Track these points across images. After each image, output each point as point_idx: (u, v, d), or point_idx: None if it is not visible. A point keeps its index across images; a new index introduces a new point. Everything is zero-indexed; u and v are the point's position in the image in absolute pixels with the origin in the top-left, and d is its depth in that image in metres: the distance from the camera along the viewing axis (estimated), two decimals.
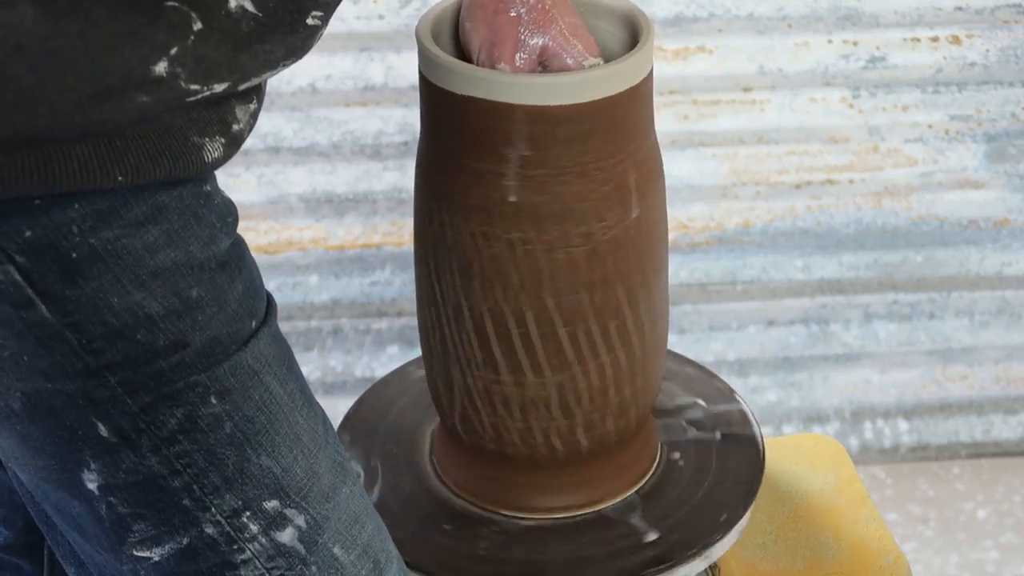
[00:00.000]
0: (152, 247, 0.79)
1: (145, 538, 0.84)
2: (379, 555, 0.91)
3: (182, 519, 0.84)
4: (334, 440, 0.90)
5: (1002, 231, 1.93)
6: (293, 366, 0.88)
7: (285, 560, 0.86)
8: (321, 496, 0.87)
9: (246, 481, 0.84)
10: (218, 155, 0.80)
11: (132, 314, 0.79)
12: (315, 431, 0.88)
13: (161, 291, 0.79)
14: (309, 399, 0.88)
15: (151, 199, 0.78)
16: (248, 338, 0.84)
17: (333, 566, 0.87)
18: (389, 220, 1.88)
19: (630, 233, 1.06)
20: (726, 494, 1.17)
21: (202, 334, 0.81)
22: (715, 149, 1.88)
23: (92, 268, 0.77)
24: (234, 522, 0.84)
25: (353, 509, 0.89)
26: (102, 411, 0.80)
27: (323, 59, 1.80)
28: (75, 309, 0.78)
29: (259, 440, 0.84)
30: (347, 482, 0.89)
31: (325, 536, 0.87)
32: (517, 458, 1.13)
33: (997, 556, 1.87)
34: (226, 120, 0.80)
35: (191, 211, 0.80)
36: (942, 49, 1.85)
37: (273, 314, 0.87)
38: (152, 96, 0.76)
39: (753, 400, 1.96)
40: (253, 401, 0.84)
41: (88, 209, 0.76)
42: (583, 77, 1.01)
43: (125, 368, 0.80)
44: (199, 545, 0.84)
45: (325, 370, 1.94)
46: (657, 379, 1.15)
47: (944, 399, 2.01)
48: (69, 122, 0.74)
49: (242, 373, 0.83)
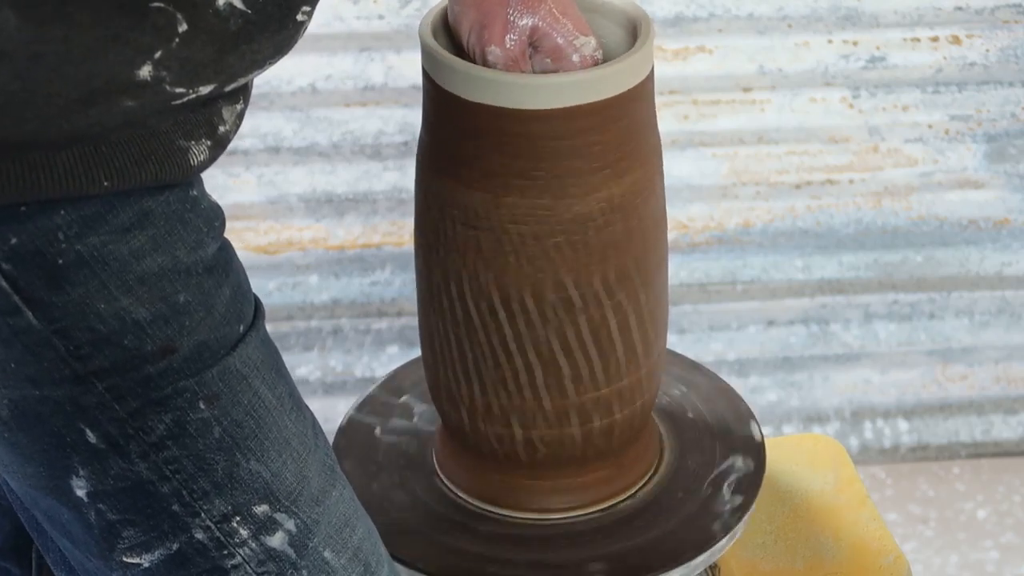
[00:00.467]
0: (138, 252, 0.78)
1: (134, 544, 0.84)
2: (370, 558, 0.90)
3: (171, 525, 0.83)
4: (324, 443, 0.89)
5: (1002, 231, 1.93)
6: (282, 370, 0.87)
7: (276, 564, 0.85)
8: (311, 500, 0.86)
9: (235, 486, 0.83)
10: (204, 158, 0.79)
11: (119, 320, 0.78)
12: (304, 435, 0.87)
13: (148, 296, 0.79)
14: (298, 402, 0.88)
15: (137, 205, 0.78)
16: (236, 342, 0.83)
17: (324, 570, 0.87)
18: (389, 220, 1.88)
19: (631, 231, 1.06)
20: (699, 526, 1.16)
21: (190, 339, 0.81)
22: (715, 149, 1.87)
23: (78, 274, 0.77)
24: (224, 527, 0.84)
25: (343, 512, 0.89)
26: (90, 417, 0.80)
27: (323, 59, 1.80)
28: (62, 315, 0.77)
29: (248, 445, 0.83)
30: (337, 485, 0.89)
31: (315, 540, 0.86)
32: (517, 458, 1.13)
33: (997, 556, 1.87)
34: (212, 122, 0.80)
35: (177, 216, 0.80)
36: (942, 49, 1.84)
37: (261, 318, 0.86)
38: (137, 100, 0.75)
39: (753, 400, 1.96)
40: (242, 406, 0.83)
41: (74, 215, 0.76)
42: (585, 78, 1.01)
43: (113, 374, 0.79)
44: (189, 551, 0.84)
45: (325, 370, 1.94)
46: (657, 379, 1.15)
47: (944, 399, 2.01)
48: (55, 128, 0.74)
49: (230, 378, 0.83)
